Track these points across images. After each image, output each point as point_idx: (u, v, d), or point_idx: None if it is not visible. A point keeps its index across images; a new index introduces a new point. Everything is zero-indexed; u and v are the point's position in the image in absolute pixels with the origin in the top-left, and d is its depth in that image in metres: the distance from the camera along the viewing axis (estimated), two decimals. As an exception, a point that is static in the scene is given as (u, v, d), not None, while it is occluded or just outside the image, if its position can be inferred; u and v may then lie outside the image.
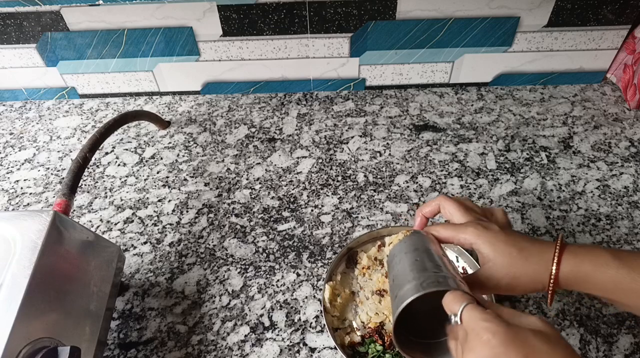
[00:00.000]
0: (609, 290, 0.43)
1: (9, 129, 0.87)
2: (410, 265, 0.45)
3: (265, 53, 0.84)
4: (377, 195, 0.73)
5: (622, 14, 0.79)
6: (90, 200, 0.74)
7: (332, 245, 0.67)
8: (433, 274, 0.43)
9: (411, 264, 0.45)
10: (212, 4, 0.76)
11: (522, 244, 0.45)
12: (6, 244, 0.47)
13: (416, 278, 0.43)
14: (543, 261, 0.44)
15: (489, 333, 0.35)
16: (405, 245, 0.49)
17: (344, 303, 0.59)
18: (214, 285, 0.63)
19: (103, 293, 0.54)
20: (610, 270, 0.42)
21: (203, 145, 0.82)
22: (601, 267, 0.43)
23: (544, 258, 0.44)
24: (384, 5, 0.77)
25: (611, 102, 0.87)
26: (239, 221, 0.70)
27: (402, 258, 0.47)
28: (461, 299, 0.39)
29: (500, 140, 0.81)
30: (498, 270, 0.45)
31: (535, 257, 0.44)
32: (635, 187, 0.73)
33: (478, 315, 0.37)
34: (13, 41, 0.81)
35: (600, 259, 0.43)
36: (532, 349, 0.34)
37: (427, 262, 0.45)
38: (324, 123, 0.85)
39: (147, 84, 0.89)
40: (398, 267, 0.47)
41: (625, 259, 0.43)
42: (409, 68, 0.87)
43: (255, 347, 0.57)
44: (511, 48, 0.84)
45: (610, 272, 0.42)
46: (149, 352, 0.57)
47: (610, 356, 0.55)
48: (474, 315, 0.37)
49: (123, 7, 0.75)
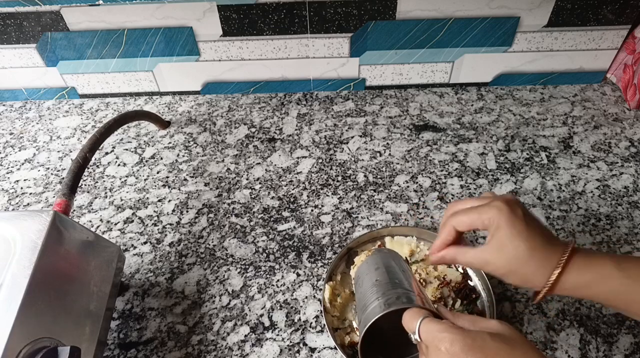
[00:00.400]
0: (609, 299, 0.42)
1: (9, 129, 0.87)
2: (372, 285, 0.46)
3: (265, 53, 0.84)
4: (377, 195, 0.73)
5: (622, 14, 0.79)
6: (90, 200, 0.74)
7: (332, 245, 0.67)
8: (393, 292, 0.43)
9: (372, 285, 0.46)
10: (212, 4, 0.76)
11: (534, 243, 0.43)
12: (6, 244, 0.47)
13: (377, 299, 0.43)
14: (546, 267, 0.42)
15: (447, 343, 0.36)
16: (366, 266, 0.49)
17: (344, 303, 0.59)
18: (214, 285, 0.63)
19: (103, 293, 0.54)
20: (613, 281, 0.41)
21: (203, 145, 0.82)
22: (603, 278, 0.42)
23: (549, 264, 0.42)
24: (384, 5, 0.77)
25: (611, 102, 0.87)
26: (239, 221, 0.70)
27: (364, 280, 0.48)
28: (417, 315, 0.39)
29: (500, 140, 0.81)
30: (500, 258, 0.44)
31: (541, 261, 0.43)
32: (635, 187, 0.73)
33: (434, 327, 0.37)
34: (13, 41, 0.81)
35: (604, 270, 0.42)
36: (492, 351, 0.35)
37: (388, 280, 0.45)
38: (324, 123, 0.85)
39: (147, 84, 0.89)
40: (361, 289, 0.48)
41: (630, 270, 0.41)
42: (409, 68, 0.87)
43: (255, 347, 0.57)
44: (511, 48, 0.84)
45: (612, 283, 0.41)
46: (149, 352, 0.57)
47: (610, 356, 0.55)
48: (430, 328, 0.38)
49: (123, 7, 0.75)
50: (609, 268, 0.42)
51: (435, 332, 0.37)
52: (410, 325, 0.40)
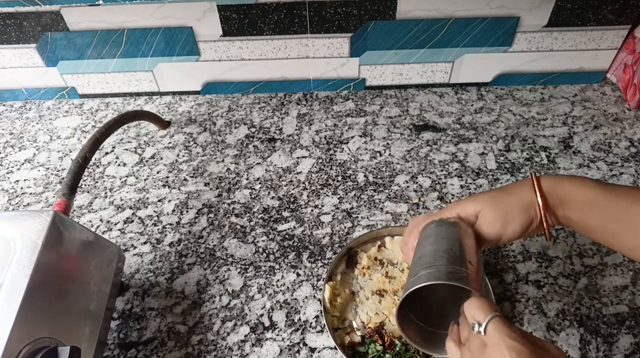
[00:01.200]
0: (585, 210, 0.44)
1: (9, 129, 0.87)
2: (444, 251, 0.44)
3: (265, 53, 0.84)
4: (377, 195, 0.73)
5: (622, 14, 0.79)
6: (90, 200, 0.74)
7: (332, 245, 0.67)
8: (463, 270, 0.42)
9: (445, 250, 0.44)
10: (212, 4, 0.76)
11: (503, 187, 0.49)
12: (6, 244, 0.47)
13: (444, 266, 0.42)
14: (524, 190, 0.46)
15: (514, 352, 0.35)
16: (445, 230, 0.47)
17: (344, 303, 0.59)
18: (214, 285, 0.63)
19: (103, 293, 0.54)
20: (588, 190, 0.44)
21: (203, 145, 0.82)
22: (580, 186, 0.45)
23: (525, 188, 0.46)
24: (384, 5, 0.77)
25: (611, 102, 0.87)
26: (239, 221, 0.70)
27: (437, 240, 0.46)
28: (488, 309, 0.39)
29: (500, 140, 0.81)
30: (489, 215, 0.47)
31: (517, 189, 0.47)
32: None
33: (505, 331, 0.37)
34: (13, 41, 0.81)
35: (579, 180, 0.45)
36: None
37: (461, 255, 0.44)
38: (324, 123, 0.85)
39: (147, 84, 0.89)
40: (430, 247, 0.46)
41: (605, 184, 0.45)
42: (409, 68, 0.87)
43: (255, 347, 0.57)
44: (511, 48, 0.84)
45: (587, 192, 0.44)
46: (149, 352, 0.57)
47: (610, 356, 0.55)
48: (501, 330, 0.37)
49: (123, 7, 0.75)
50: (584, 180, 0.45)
51: (506, 337, 0.36)
52: (476, 314, 0.39)
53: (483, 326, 0.38)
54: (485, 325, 0.38)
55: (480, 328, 0.38)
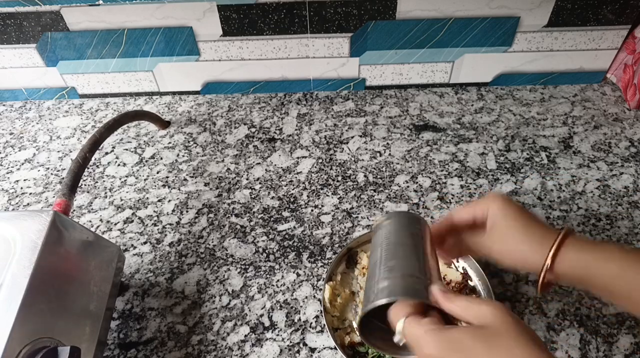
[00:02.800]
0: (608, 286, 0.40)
1: (9, 129, 0.87)
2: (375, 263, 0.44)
3: (265, 53, 0.84)
4: (377, 195, 0.73)
5: (622, 14, 0.79)
6: (90, 200, 0.74)
7: (332, 245, 0.67)
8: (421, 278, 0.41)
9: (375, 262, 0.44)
10: (212, 4, 0.76)
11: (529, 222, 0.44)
12: (6, 244, 0.47)
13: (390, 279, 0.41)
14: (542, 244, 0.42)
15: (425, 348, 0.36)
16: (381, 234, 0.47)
17: (344, 303, 0.59)
18: (214, 285, 0.63)
19: (103, 293, 0.54)
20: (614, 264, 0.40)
21: (203, 145, 0.82)
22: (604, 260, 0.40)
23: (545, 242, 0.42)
24: (384, 5, 0.77)
25: (611, 102, 0.87)
26: (239, 221, 0.70)
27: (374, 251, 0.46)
28: (400, 313, 0.39)
29: (501, 140, 0.81)
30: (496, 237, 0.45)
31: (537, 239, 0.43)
32: (635, 187, 0.73)
33: (414, 331, 0.38)
34: (13, 41, 0.81)
35: (604, 251, 0.41)
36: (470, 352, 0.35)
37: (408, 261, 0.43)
38: (324, 123, 0.85)
39: (147, 84, 0.89)
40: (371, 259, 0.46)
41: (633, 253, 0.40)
42: (409, 68, 0.87)
43: (255, 347, 0.57)
44: (511, 48, 0.84)
45: (612, 266, 0.40)
46: (149, 352, 0.57)
47: (610, 356, 0.55)
48: (410, 331, 0.38)
49: (123, 7, 0.75)
50: (610, 250, 0.41)
51: (414, 337, 0.37)
52: (395, 323, 0.39)
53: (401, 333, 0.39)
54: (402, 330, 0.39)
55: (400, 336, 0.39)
